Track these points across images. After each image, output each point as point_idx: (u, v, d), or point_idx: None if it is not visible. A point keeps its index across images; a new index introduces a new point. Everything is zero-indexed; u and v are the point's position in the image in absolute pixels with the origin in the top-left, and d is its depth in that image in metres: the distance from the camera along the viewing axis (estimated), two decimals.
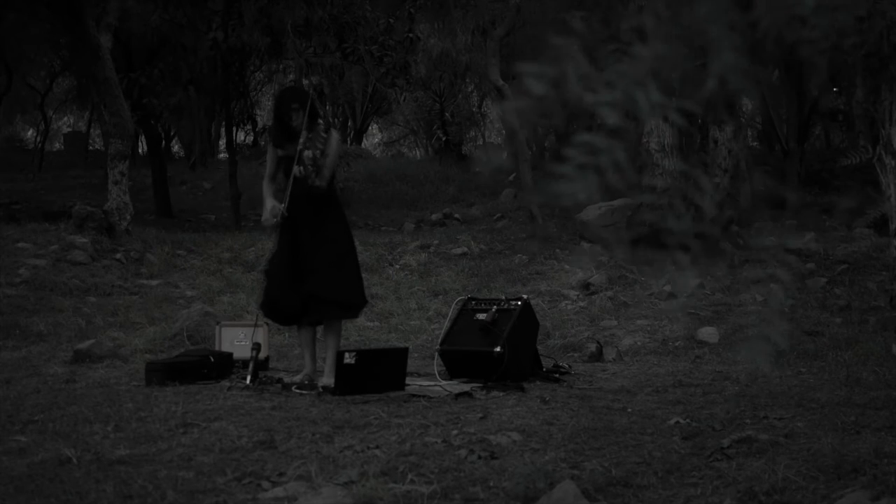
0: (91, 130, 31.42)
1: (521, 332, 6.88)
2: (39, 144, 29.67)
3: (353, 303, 6.64)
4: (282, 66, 18.42)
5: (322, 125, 6.72)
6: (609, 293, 9.73)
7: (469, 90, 29.90)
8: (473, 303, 7.25)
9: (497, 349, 6.64)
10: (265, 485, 3.99)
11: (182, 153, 29.45)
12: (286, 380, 6.53)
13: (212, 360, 6.77)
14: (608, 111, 1.54)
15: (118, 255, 11.48)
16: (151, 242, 12.29)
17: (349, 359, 6.04)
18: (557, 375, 6.89)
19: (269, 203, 6.52)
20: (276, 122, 6.70)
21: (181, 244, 12.49)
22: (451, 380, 6.70)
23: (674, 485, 3.97)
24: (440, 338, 7.21)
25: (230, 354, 7.05)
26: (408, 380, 6.38)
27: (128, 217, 12.38)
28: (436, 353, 7.06)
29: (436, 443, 4.64)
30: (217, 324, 7.61)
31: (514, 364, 6.67)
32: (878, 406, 5.42)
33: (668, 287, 9.46)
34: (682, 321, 8.47)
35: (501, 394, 6.19)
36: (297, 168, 6.43)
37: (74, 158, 28.43)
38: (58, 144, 35.80)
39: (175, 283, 10.84)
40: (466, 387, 6.33)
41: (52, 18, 16.39)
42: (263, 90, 28.88)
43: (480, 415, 5.39)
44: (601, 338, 8.28)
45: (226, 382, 6.53)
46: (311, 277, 6.43)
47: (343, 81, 21.75)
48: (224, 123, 18.22)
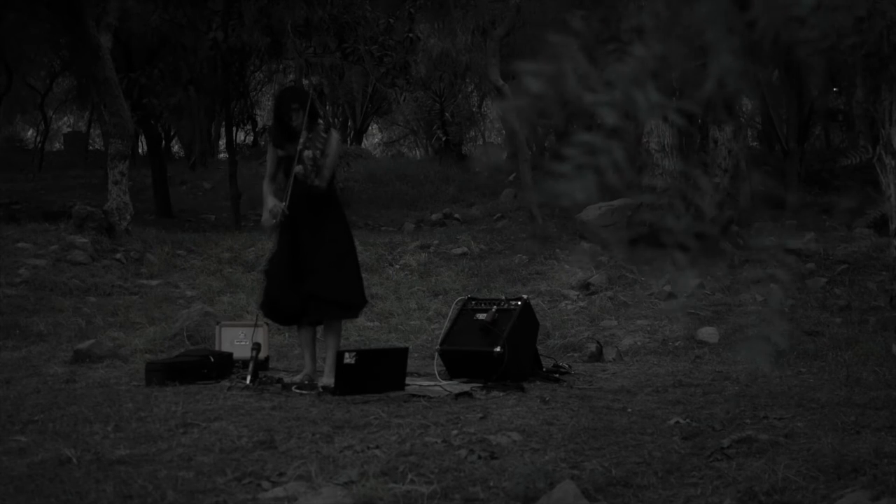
0: (91, 130, 31.42)
1: (521, 332, 6.88)
2: (39, 144, 29.67)
3: (353, 303, 6.64)
4: (282, 66, 18.42)
5: (322, 125, 6.72)
6: (609, 293, 9.73)
7: (469, 90, 29.90)
8: (473, 303, 7.24)
9: (497, 349, 6.64)
10: (265, 485, 3.99)
11: (182, 153, 29.45)
12: (286, 380, 6.53)
13: (212, 360, 6.77)
14: (607, 111, 1.54)
15: (118, 255, 11.48)
16: (151, 242, 12.29)
17: (349, 359, 6.04)
18: (557, 375, 6.89)
19: (270, 202, 6.51)
20: (276, 122, 6.69)
21: (181, 244, 12.49)
22: (451, 380, 6.70)
23: (674, 485, 3.97)
24: (440, 338, 7.21)
25: (230, 354, 7.04)
26: (408, 380, 6.38)
27: (128, 217, 12.38)
28: (436, 353, 7.06)
29: (436, 443, 4.64)
30: (217, 324, 7.61)
31: (514, 364, 6.67)
32: (878, 406, 5.42)
33: (668, 287, 9.46)
34: (682, 321, 8.47)
35: (501, 394, 6.19)
36: (298, 168, 6.43)
37: (74, 158, 28.42)
38: (58, 144, 35.79)
39: (175, 283, 10.84)
40: (466, 387, 6.33)
41: (52, 18, 16.39)
42: (263, 90, 28.87)
43: (480, 415, 5.38)
44: (601, 338, 8.27)
45: (226, 382, 6.53)
46: (311, 277, 6.43)
47: (343, 81, 21.74)
48: (224, 123, 18.22)
